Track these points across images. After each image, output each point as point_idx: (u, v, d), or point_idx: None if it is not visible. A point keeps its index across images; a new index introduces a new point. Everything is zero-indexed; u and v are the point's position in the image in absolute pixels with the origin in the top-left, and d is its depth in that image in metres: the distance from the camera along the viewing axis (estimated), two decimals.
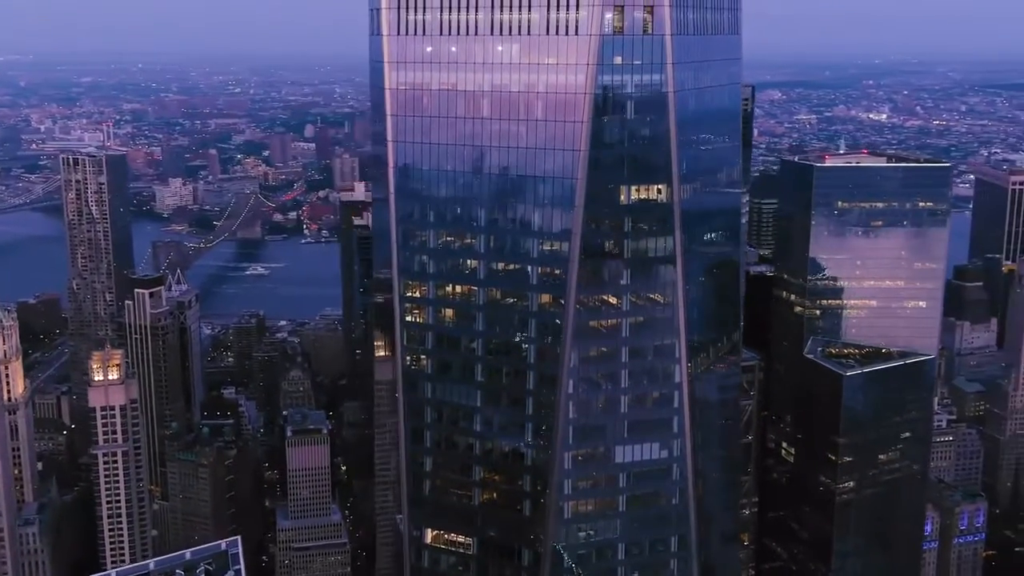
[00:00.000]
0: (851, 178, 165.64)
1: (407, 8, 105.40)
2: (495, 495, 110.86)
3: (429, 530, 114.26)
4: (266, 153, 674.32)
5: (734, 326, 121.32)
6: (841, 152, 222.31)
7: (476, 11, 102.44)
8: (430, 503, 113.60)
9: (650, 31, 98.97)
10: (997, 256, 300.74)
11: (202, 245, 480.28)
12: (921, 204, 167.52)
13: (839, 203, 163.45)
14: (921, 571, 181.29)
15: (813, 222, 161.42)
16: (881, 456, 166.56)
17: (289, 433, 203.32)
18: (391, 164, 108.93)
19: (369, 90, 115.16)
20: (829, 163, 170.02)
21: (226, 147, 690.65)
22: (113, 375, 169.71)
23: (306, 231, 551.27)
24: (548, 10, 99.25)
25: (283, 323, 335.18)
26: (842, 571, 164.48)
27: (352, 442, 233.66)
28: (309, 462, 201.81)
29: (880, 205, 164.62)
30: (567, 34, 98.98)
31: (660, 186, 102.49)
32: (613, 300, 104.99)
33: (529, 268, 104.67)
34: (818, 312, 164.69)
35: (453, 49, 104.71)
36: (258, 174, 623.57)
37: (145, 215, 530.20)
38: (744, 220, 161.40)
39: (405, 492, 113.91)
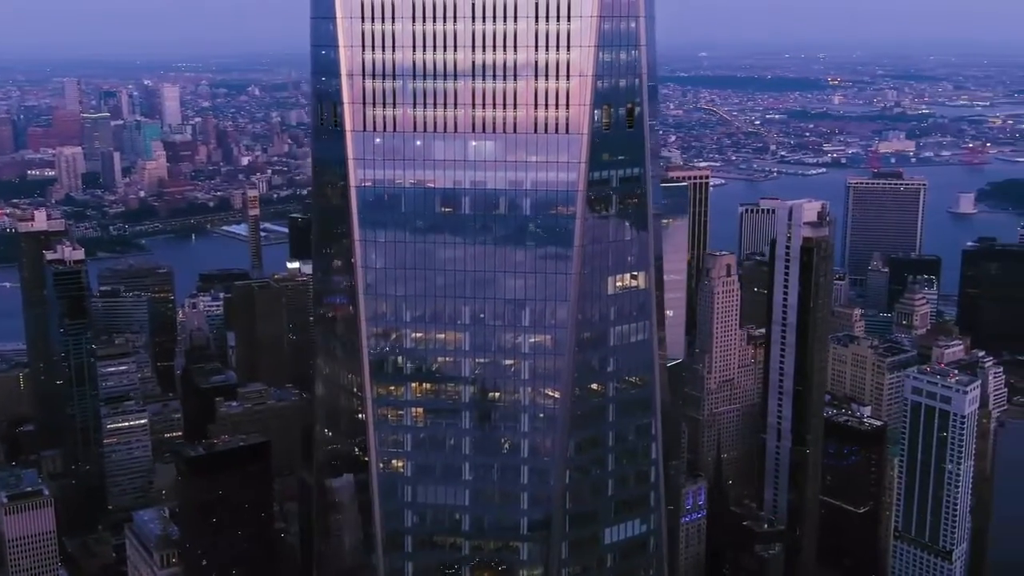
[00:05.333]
0: None
1: (374, 104, 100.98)
2: None
3: None
4: None
5: None
6: None
7: (455, 108, 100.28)
8: None
9: (632, 126, 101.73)
10: None
11: None
12: (664, 221, 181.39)
13: None
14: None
15: None
16: None
17: (4, 499, 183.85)
18: (359, 263, 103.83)
19: (313, 180, 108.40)
20: None
21: None
22: None
23: None
24: (535, 108, 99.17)
25: None
26: None
27: (57, 496, 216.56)
28: (31, 528, 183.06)
29: None
30: (556, 132, 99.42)
31: (640, 273, 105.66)
32: (599, 387, 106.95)
33: (520, 363, 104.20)
34: None
35: (422, 144, 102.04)
36: None
37: None
38: None
39: None
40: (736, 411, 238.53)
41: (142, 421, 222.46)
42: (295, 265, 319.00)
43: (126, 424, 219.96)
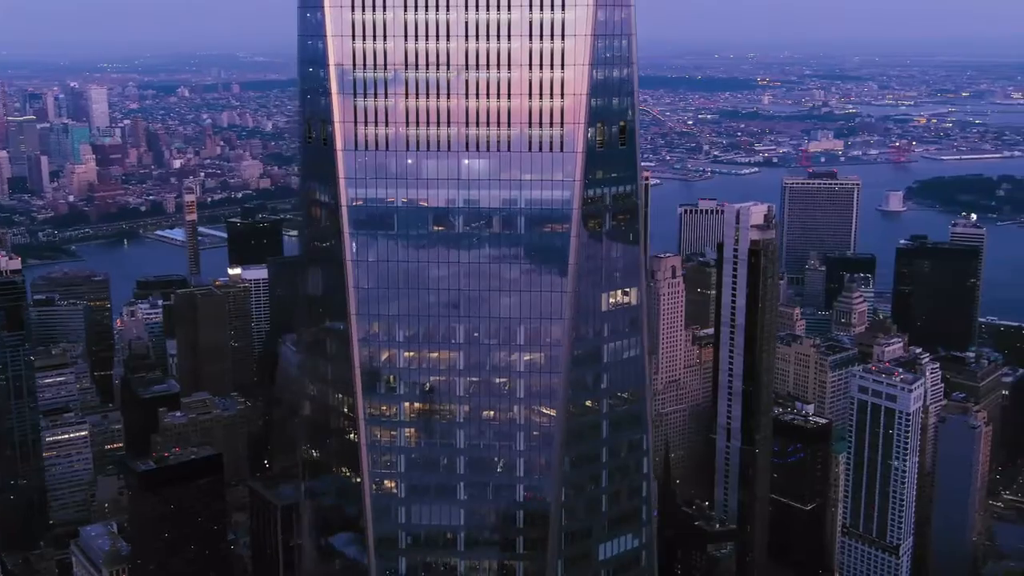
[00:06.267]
0: None
1: (365, 122, 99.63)
2: None
3: None
4: None
5: None
6: None
7: (448, 126, 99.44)
8: None
9: (625, 143, 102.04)
10: None
11: None
12: None
13: None
14: None
15: None
16: None
17: None
18: (350, 282, 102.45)
19: (301, 198, 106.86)
20: None
21: None
22: None
23: None
24: (529, 126, 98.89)
25: None
26: None
27: None
28: None
29: None
30: (551, 150, 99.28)
31: (632, 289, 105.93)
32: (593, 404, 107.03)
33: (515, 381, 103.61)
34: None
35: (414, 163, 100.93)
36: None
37: None
38: None
39: None
40: (683, 411, 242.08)
41: (82, 433, 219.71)
42: (236, 271, 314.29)
43: (66, 436, 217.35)
